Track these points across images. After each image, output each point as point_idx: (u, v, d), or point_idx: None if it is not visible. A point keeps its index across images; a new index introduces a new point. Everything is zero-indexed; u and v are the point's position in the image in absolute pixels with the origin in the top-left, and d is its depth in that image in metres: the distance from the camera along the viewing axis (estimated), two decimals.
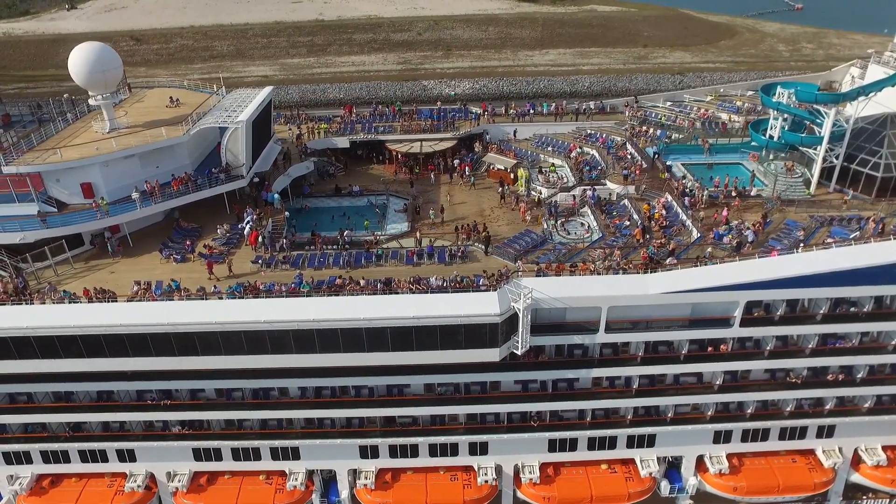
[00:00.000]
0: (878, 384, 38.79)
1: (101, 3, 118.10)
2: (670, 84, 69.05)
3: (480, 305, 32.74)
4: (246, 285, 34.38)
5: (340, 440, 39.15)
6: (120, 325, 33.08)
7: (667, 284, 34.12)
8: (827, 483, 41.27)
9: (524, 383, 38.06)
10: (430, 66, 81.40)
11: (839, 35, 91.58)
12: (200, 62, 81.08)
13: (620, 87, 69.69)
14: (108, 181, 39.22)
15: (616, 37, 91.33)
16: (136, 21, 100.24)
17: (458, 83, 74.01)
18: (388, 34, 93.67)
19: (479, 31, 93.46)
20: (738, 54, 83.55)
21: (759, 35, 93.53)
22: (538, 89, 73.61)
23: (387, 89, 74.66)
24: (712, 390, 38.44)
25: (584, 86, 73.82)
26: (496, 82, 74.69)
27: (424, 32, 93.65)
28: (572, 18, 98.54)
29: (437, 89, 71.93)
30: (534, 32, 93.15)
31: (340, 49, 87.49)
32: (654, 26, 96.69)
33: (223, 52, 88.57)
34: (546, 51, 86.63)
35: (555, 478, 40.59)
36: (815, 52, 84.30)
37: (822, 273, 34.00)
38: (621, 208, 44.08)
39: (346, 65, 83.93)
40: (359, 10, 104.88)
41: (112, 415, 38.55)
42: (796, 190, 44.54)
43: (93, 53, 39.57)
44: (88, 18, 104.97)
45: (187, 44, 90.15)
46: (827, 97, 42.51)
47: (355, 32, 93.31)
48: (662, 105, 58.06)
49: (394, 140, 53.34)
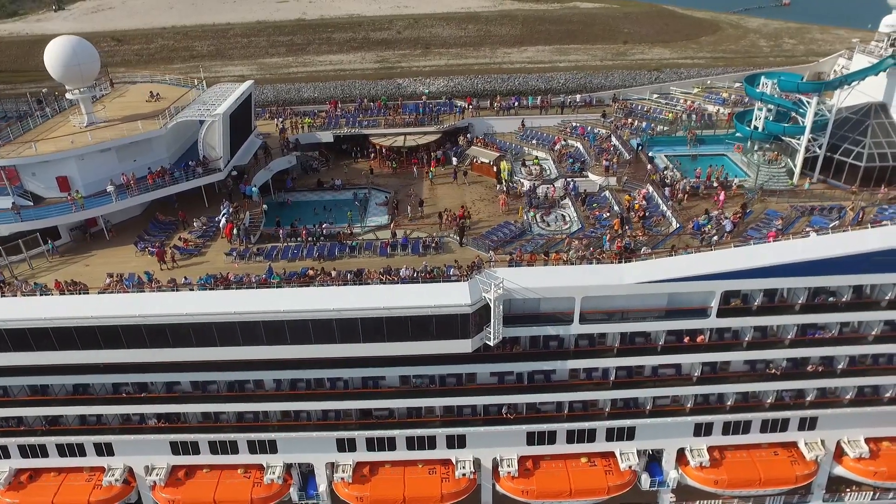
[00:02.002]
0: (859, 375, 38.30)
1: (88, 5, 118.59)
2: (646, 80, 68.58)
3: (451, 296, 32.50)
4: (217, 277, 34.26)
5: (317, 433, 38.96)
6: (91, 317, 33.03)
7: (641, 274, 33.78)
8: (809, 476, 40.82)
9: (500, 375, 37.74)
10: (408, 64, 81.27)
11: (822, 30, 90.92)
12: (180, 62, 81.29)
13: (596, 83, 69.45)
14: (84, 175, 39.24)
15: (596, 33, 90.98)
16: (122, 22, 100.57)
17: (433, 81, 73.94)
18: (368, 33, 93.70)
19: (459, 28, 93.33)
20: (717, 50, 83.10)
21: (741, 31, 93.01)
22: (513, 86, 73.53)
23: (361, 88, 74.70)
24: (691, 382, 38.06)
25: (560, 82, 73.66)
26: (471, 80, 74.67)
27: (404, 31, 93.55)
28: (553, 15, 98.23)
29: (411, 87, 71.90)
30: (513, 30, 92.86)
31: (320, 48, 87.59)
32: (634, 23, 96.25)
33: (203, 53, 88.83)
34: (525, 48, 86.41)
35: (534, 471, 40.30)
36: (795, 47, 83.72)
37: (798, 262, 33.61)
38: (602, 200, 43.76)
39: (324, 64, 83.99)
40: (342, 8, 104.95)
41: (88, 408, 38.48)
42: (779, 180, 44.12)
43: (68, 47, 39.58)
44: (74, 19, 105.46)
45: (168, 44, 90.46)
46: (808, 86, 42.07)
47: (335, 31, 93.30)
48: (649, 97, 57.63)
49: (377, 134, 53.17)
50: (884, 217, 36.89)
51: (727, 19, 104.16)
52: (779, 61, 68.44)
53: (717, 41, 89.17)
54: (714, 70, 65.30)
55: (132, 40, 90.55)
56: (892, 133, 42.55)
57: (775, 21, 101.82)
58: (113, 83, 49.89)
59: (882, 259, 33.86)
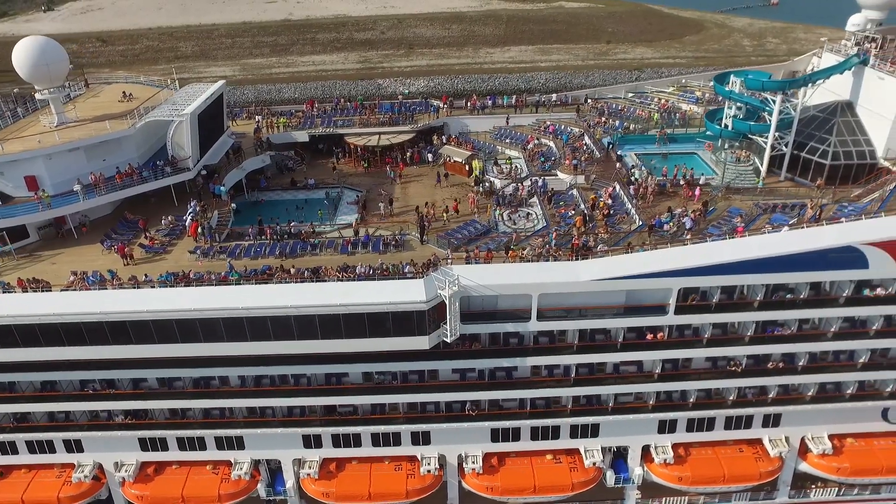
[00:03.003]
0: (819, 372, 38.45)
1: (78, 5, 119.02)
2: (626, 80, 68.75)
3: (407, 293, 32.81)
4: (178, 274, 34.64)
5: (282, 430, 39.29)
6: (53, 314, 33.45)
7: (597, 271, 34.01)
8: (773, 472, 40.99)
9: (461, 372, 38.03)
10: (389, 64, 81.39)
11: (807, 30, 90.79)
12: (164, 63, 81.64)
13: (576, 83, 69.43)
14: (52, 174, 39.65)
15: (580, 33, 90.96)
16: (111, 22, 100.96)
17: (413, 81, 74.16)
18: (352, 33, 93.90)
19: (443, 29, 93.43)
20: (700, 49, 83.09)
21: (726, 30, 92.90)
22: (493, 86, 73.74)
23: (341, 88, 74.98)
24: (652, 379, 38.24)
25: (540, 82, 73.75)
26: (451, 80, 74.87)
27: (388, 31, 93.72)
28: (537, 15, 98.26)
29: (391, 88, 72.17)
30: (497, 30, 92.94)
31: (303, 49, 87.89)
32: (619, 22, 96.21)
33: (187, 53, 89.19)
34: (508, 48, 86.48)
35: (499, 468, 40.56)
36: (778, 46, 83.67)
37: (753, 259, 33.80)
38: (569, 198, 44.01)
39: (307, 64, 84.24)
40: (330, 9, 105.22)
41: (56, 405, 38.88)
42: (746, 178, 44.30)
43: (36, 48, 40.08)
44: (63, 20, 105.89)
45: (153, 45, 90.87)
46: (773, 84, 42.22)
47: (319, 32, 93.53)
48: (624, 96, 57.85)
49: (352, 133, 53.51)
50: (843, 214, 37.09)
51: (713, 18, 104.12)
52: (760, 61, 68.53)
53: (701, 40, 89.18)
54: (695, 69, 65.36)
55: (117, 41, 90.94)
56: (857, 131, 42.77)
57: (761, 21, 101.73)
58: (88, 83, 50.34)
59: (838, 256, 34.05)
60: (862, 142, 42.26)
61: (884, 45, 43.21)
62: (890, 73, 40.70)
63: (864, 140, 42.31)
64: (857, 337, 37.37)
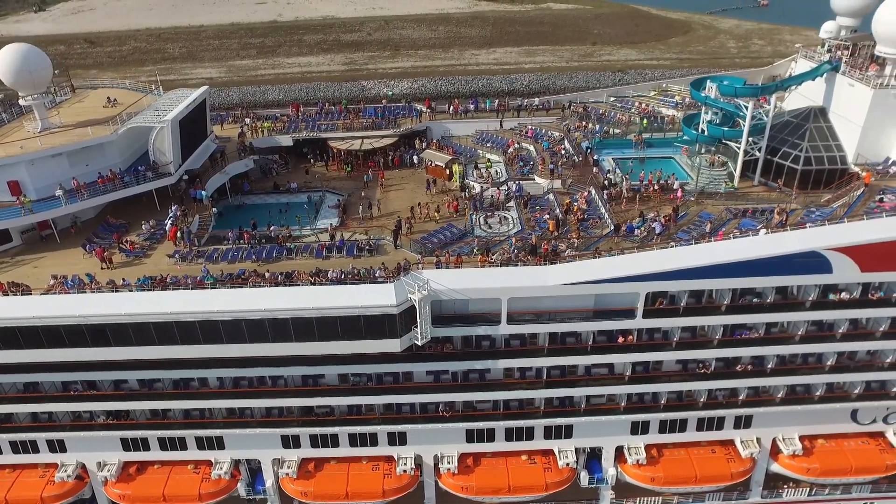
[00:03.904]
0: (788, 374, 39.10)
1: (70, 5, 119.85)
2: (610, 81, 69.32)
3: (377, 296, 33.49)
4: (155, 278, 35.36)
5: (261, 430, 40.02)
6: (33, 317, 34.20)
7: (565, 276, 34.65)
8: (745, 473, 41.65)
9: (435, 374, 38.71)
10: (374, 66, 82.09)
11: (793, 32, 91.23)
12: (152, 64, 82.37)
13: (560, 85, 69.91)
14: (35, 179, 40.34)
15: (566, 35, 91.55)
16: (102, 23, 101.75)
17: (398, 83, 74.77)
18: (339, 35, 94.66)
19: (430, 30, 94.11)
20: (685, 51, 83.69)
21: (713, 31, 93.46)
22: (476, 88, 74.19)
23: (326, 90, 75.58)
24: (623, 381, 38.92)
25: (523, 84, 74.20)
26: (435, 82, 75.41)
27: (374, 33, 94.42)
28: (523, 17, 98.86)
29: (375, 89, 72.79)
30: (483, 31, 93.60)
31: (290, 50, 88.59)
32: (605, 24, 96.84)
33: (175, 55, 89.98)
34: (493, 49, 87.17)
35: (474, 468, 41.26)
36: (763, 48, 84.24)
37: (718, 264, 34.42)
38: (545, 202, 44.62)
39: (293, 66, 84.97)
40: (319, 10, 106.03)
41: (38, 406, 39.60)
42: (719, 183, 44.88)
43: (19, 54, 40.71)
44: (53, 21, 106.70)
45: (140, 46, 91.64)
46: (746, 91, 42.70)
47: (307, 33, 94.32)
48: (605, 100, 58.44)
49: (335, 138, 54.15)
50: (810, 219, 37.69)
51: (700, 20, 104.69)
52: (744, 63, 69.14)
53: (686, 42, 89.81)
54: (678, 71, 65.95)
55: (105, 42, 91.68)
56: (829, 137, 43.32)
57: (748, 22, 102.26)
58: (74, 88, 51.05)
59: (803, 261, 34.66)
60: (833, 147, 42.81)
61: (855, 53, 43.72)
62: (860, 80, 41.26)
63: (836, 146, 42.86)
64: (824, 340, 38.00)
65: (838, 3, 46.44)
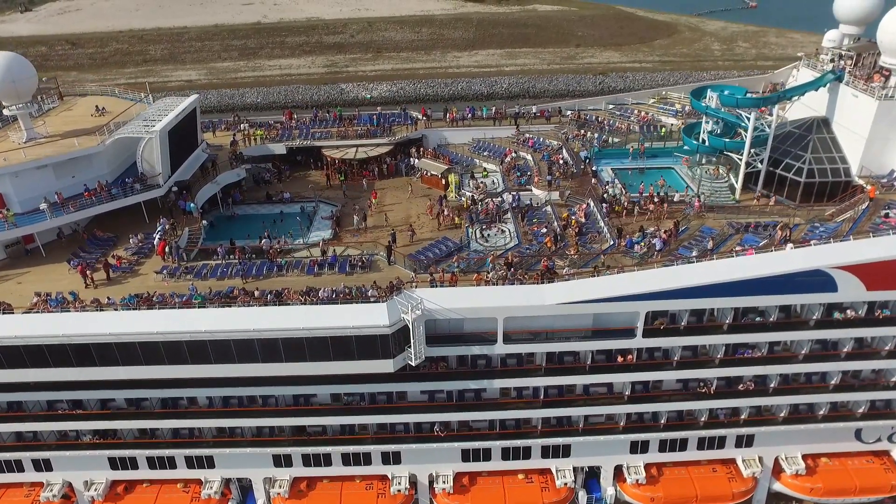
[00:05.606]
0: (791, 393, 38.21)
1: (57, 6, 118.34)
2: (590, 85, 68.25)
3: (369, 317, 32.53)
4: (141, 296, 34.37)
5: (251, 449, 39.12)
6: (15, 336, 33.21)
7: (562, 295, 33.70)
8: (747, 492, 40.79)
9: (430, 393, 37.78)
10: (355, 68, 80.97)
11: (779, 34, 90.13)
12: (133, 66, 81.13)
13: (539, 88, 68.57)
14: (19, 192, 39.35)
15: (549, 37, 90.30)
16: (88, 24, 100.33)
17: (377, 86, 73.49)
18: (322, 37, 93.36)
19: (413, 32, 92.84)
20: (668, 53, 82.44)
21: (698, 34, 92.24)
22: (455, 91, 72.88)
23: (304, 93, 74.25)
24: (623, 401, 38.01)
25: (503, 87, 72.82)
26: (414, 85, 74.03)
27: (358, 34, 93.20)
28: (507, 19, 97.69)
29: (353, 92, 71.56)
30: (466, 34, 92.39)
31: (272, 52, 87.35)
32: (589, 26, 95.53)
33: (156, 57, 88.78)
34: (475, 52, 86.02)
35: (470, 487, 40.38)
36: (747, 51, 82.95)
37: (720, 283, 33.48)
38: (542, 214, 43.66)
39: (273, 68, 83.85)
40: (305, 11, 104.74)
41: (23, 425, 38.61)
42: (721, 195, 43.99)
43: (2, 64, 39.63)
44: (39, 21, 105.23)
45: (122, 48, 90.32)
46: (748, 101, 41.79)
47: (289, 35, 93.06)
48: (604, 108, 57.46)
49: (330, 146, 53.14)
50: (814, 235, 36.82)
51: (686, 22, 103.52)
52: (727, 65, 68.03)
53: (671, 44, 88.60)
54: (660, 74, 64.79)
55: (87, 44, 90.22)
56: (832, 148, 42.40)
57: (735, 24, 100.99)
58: (62, 95, 49.98)
59: (807, 280, 33.74)
60: (837, 159, 41.89)
61: (859, 62, 42.75)
62: (864, 90, 40.32)
63: (840, 157, 41.95)
64: (829, 359, 37.10)
65: (842, 11, 45.44)
